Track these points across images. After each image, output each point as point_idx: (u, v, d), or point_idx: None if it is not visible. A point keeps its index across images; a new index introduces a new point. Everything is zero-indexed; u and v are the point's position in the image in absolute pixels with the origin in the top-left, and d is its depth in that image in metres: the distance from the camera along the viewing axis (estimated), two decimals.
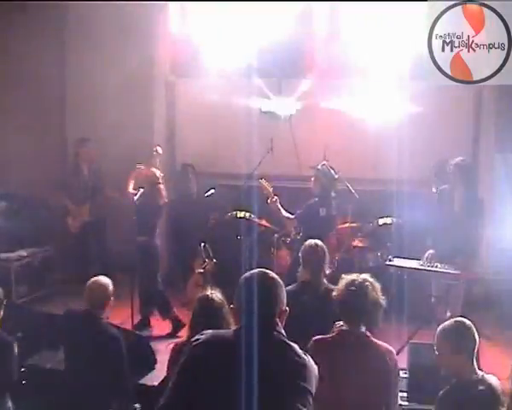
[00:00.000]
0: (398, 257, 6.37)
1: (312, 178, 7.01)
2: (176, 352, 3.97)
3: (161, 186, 6.89)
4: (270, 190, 7.04)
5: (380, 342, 3.62)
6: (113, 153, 8.13)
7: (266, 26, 7.99)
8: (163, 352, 5.49)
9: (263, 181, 7.11)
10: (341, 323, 3.66)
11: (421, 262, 6.18)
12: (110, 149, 8.20)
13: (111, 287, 4.58)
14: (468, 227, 6.06)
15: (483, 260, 7.81)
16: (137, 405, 4.65)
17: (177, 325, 6.89)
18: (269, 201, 7.02)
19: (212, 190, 7.95)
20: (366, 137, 8.24)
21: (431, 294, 6.27)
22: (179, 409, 2.62)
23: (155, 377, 5.22)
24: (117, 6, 8.02)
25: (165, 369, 4.16)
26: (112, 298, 4.58)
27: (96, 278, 4.60)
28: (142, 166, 7.08)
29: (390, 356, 3.57)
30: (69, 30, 8.95)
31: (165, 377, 4.11)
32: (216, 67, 8.16)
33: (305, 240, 6.34)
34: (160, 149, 7.37)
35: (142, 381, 5.26)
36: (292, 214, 7.00)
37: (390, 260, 6.31)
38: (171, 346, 4.29)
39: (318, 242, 5.01)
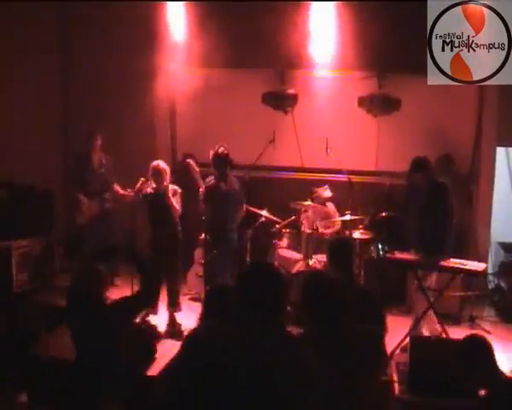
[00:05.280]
0: (399, 249, 6.36)
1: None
2: None
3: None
4: None
5: (366, 328, 3.59)
6: (115, 146, 8.13)
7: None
8: (163, 342, 5.52)
9: None
10: None
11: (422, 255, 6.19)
12: (111, 141, 8.21)
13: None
14: (434, 217, 6.11)
15: (483, 254, 7.86)
16: None
17: None
18: None
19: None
20: (368, 130, 8.24)
21: (429, 287, 6.25)
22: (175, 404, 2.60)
23: (155, 366, 5.21)
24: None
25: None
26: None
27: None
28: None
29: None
30: (72, 24, 8.98)
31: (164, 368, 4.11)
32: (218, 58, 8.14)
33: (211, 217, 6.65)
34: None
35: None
36: None
37: (391, 253, 6.29)
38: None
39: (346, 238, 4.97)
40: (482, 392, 3.70)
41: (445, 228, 6.12)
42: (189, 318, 6.84)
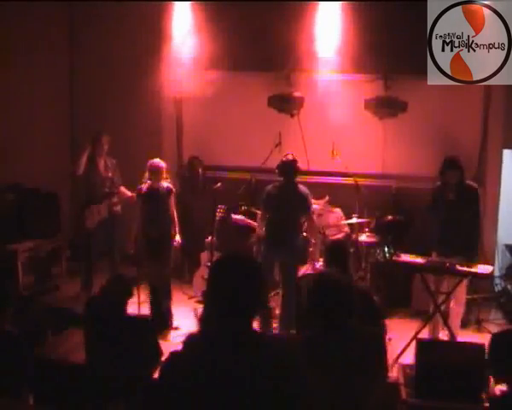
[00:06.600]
0: (405, 253, 6.34)
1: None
2: None
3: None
4: None
5: (369, 329, 3.57)
6: (121, 149, 8.13)
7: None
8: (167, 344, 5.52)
9: None
10: None
11: (429, 259, 6.17)
12: (117, 142, 8.21)
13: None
14: (463, 218, 6.09)
15: (489, 257, 7.83)
16: None
17: None
18: None
19: (220, 184, 7.93)
20: (375, 133, 8.24)
21: (439, 290, 6.22)
22: None
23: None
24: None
25: None
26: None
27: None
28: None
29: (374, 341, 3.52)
30: (79, 25, 9.00)
31: None
32: (224, 61, 8.16)
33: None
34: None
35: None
36: None
37: (397, 256, 6.28)
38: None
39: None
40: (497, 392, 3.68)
41: (475, 230, 6.15)
42: (193, 320, 6.87)
